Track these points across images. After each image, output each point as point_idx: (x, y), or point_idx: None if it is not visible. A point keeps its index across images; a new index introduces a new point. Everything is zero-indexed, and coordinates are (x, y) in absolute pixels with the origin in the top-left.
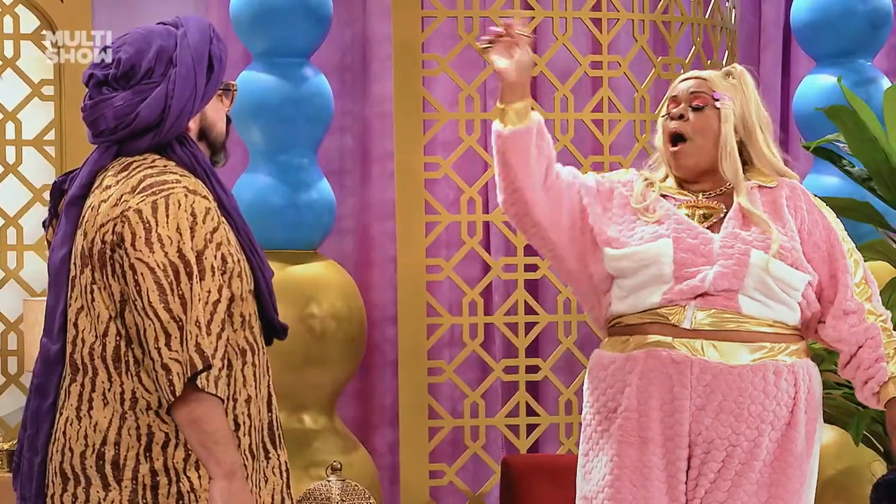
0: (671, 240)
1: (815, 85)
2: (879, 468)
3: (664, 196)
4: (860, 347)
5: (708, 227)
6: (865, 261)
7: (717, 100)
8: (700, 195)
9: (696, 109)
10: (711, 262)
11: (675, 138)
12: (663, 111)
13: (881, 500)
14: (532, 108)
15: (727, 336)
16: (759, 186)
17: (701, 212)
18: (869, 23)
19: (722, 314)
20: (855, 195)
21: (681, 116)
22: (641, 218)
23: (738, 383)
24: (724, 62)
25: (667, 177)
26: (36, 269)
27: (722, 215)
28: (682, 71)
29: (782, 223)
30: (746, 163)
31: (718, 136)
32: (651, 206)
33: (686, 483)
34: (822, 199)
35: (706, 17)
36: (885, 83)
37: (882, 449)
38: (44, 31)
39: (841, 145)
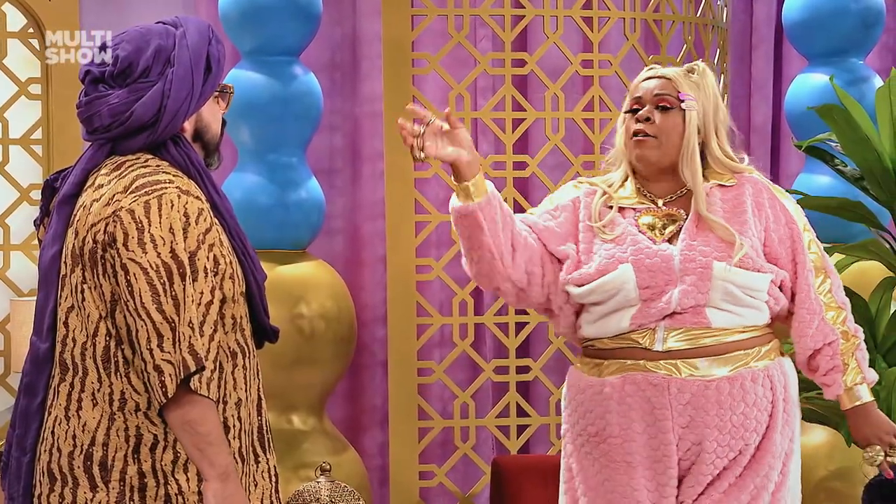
0: (630, 264)
1: (808, 84)
2: (871, 469)
3: (623, 209)
4: (817, 352)
5: (669, 237)
6: (858, 261)
7: (683, 101)
8: (660, 202)
9: (662, 110)
10: (674, 278)
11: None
12: (625, 108)
13: (873, 500)
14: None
15: (700, 353)
16: (719, 186)
17: (661, 222)
18: (861, 22)
19: (692, 331)
20: (847, 195)
21: (647, 119)
22: (599, 236)
23: (717, 397)
24: (715, 61)
25: (626, 179)
26: (23, 269)
27: (683, 222)
28: None
29: (741, 223)
30: (704, 163)
31: (682, 137)
32: (609, 224)
33: (677, 496)
34: (815, 198)
35: (697, 15)
36: (878, 82)
37: None
38: (30, 30)
39: (833, 144)
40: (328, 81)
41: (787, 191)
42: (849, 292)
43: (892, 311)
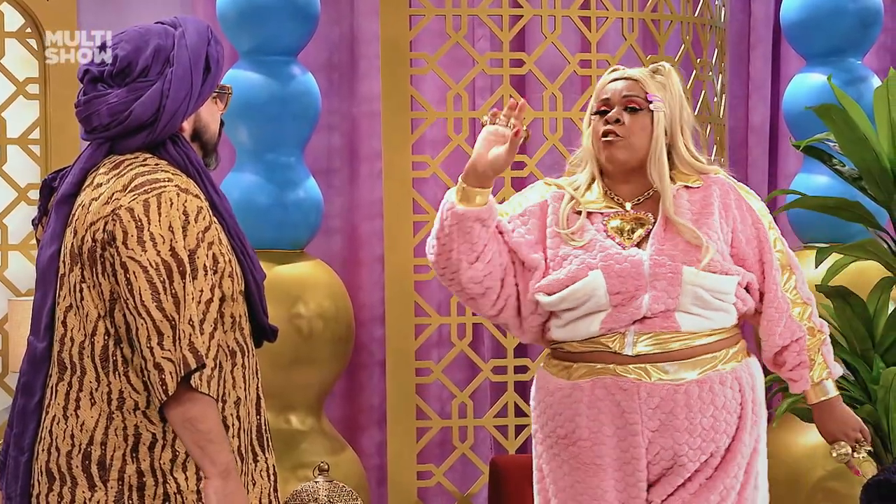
0: (600, 271)
1: (806, 84)
2: (869, 468)
3: (591, 214)
4: (785, 348)
5: (638, 242)
6: (855, 261)
7: (651, 101)
8: (628, 205)
9: (630, 111)
10: (644, 284)
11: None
12: (592, 110)
13: (871, 501)
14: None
15: (669, 356)
16: (685, 187)
17: (629, 226)
18: (859, 21)
19: (661, 335)
20: (845, 194)
21: (617, 121)
22: (568, 242)
23: (687, 400)
24: (713, 61)
25: (592, 181)
26: (20, 269)
27: (651, 226)
28: None
29: (708, 226)
30: (671, 164)
31: (651, 138)
32: (578, 231)
33: (646, 501)
34: (813, 198)
35: (695, 15)
36: (876, 82)
37: (872, 450)
38: (28, 29)
39: (831, 144)
40: (326, 81)
41: (785, 191)
42: (847, 292)
43: (890, 311)
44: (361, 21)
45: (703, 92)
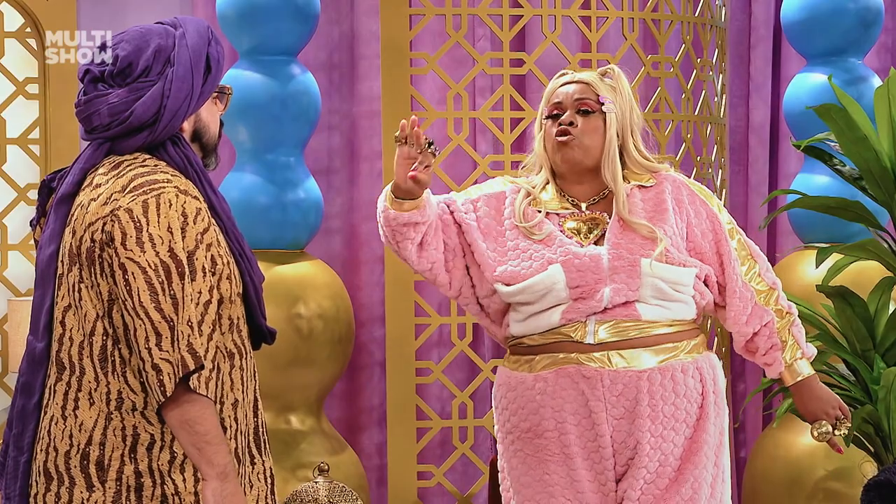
0: (560, 265)
1: (806, 83)
2: (870, 468)
3: (547, 214)
4: (755, 334)
5: (594, 241)
6: (856, 260)
7: (603, 104)
8: (583, 205)
9: (583, 114)
10: (603, 277)
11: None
12: (544, 114)
13: (872, 501)
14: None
15: (631, 343)
16: (639, 187)
17: (586, 227)
18: (860, 21)
19: (622, 324)
20: (845, 194)
21: (570, 123)
22: (528, 237)
23: (649, 387)
24: (714, 60)
25: (547, 183)
26: (20, 269)
27: (606, 226)
28: (671, 69)
29: (664, 221)
30: (623, 164)
31: (604, 140)
32: (537, 225)
33: (616, 490)
34: (814, 198)
35: (696, 15)
36: (876, 82)
37: (872, 449)
38: (28, 29)
39: (832, 144)
40: (326, 81)
41: (785, 191)
42: (848, 292)
43: (890, 311)
44: (361, 20)
45: (704, 92)
